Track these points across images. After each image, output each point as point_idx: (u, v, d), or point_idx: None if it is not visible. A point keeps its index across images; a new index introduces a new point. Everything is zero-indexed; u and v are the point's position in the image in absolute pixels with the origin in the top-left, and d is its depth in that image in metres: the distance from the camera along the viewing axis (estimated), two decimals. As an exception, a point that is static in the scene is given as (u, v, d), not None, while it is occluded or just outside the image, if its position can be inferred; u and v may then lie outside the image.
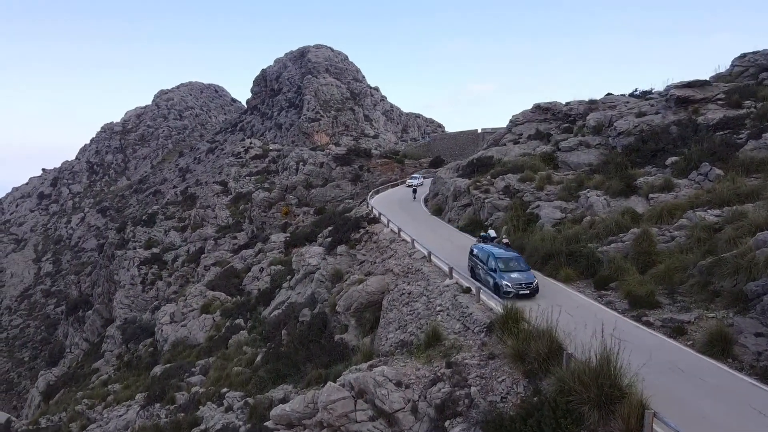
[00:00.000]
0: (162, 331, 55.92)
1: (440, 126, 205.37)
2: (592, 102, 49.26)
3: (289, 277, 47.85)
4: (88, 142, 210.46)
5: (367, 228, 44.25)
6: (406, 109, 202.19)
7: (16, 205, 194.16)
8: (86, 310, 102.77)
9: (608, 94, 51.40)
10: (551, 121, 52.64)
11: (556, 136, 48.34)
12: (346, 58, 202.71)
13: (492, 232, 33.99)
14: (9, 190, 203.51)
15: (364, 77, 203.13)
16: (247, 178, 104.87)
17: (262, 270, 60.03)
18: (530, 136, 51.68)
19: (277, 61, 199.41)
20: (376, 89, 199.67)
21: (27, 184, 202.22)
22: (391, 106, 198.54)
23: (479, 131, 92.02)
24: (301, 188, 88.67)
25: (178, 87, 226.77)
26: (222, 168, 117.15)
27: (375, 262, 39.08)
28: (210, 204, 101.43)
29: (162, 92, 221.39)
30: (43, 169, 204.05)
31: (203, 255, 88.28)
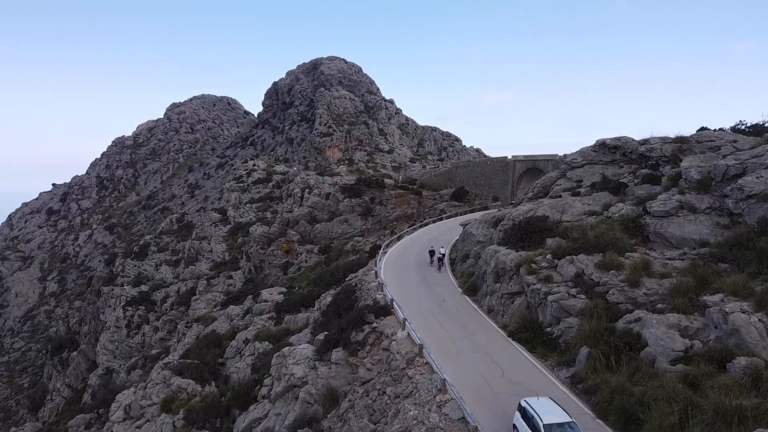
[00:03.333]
0: (112, 432, 41.74)
1: (457, 140, 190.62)
2: (680, 140, 34.41)
3: (268, 379, 33.41)
4: (99, 156, 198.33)
5: (375, 325, 29.79)
6: (421, 122, 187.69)
7: (25, 221, 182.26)
8: (72, 350, 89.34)
9: (702, 128, 36.70)
10: (621, 164, 37.95)
11: (636, 189, 33.64)
12: (360, 70, 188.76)
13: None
14: (19, 205, 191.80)
15: (378, 89, 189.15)
16: (248, 205, 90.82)
17: (246, 342, 45.86)
18: (594, 185, 36.97)
19: (289, 73, 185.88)
20: (391, 102, 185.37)
21: (37, 199, 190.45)
22: (407, 119, 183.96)
23: (509, 158, 77.32)
24: (304, 223, 74.48)
25: (190, 100, 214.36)
26: (222, 192, 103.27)
27: (384, 396, 24.73)
28: (207, 235, 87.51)
29: (174, 105, 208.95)
30: (54, 184, 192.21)
31: (194, 297, 74.46)
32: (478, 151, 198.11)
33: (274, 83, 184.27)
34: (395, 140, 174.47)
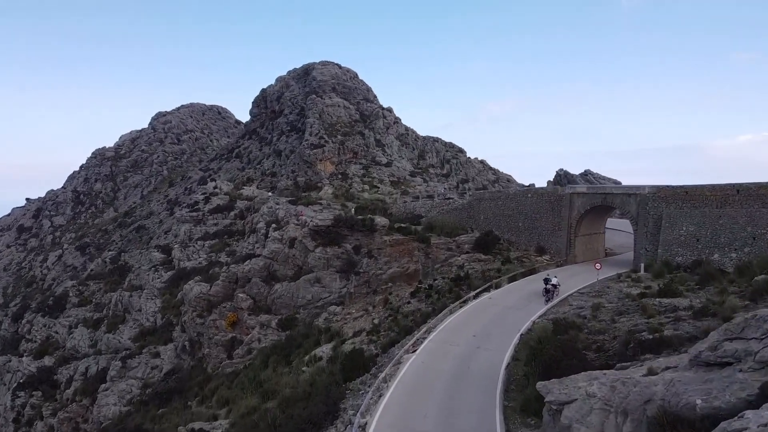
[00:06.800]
0: None
1: (461, 151, 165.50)
2: None
3: None
4: (77, 168, 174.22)
5: None
6: (422, 132, 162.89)
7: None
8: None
9: None
10: None
11: None
12: (356, 75, 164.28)
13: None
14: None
15: (375, 97, 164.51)
16: (199, 243, 65.99)
17: None
18: None
19: (278, 79, 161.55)
20: (389, 110, 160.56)
21: (9, 215, 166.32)
22: (406, 129, 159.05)
23: (565, 192, 51.89)
24: (259, 282, 49.87)
25: (178, 109, 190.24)
26: (172, 224, 78.63)
27: None
28: (142, 283, 62.95)
29: (160, 114, 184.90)
30: (27, 199, 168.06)
31: (104, 385, 49.72)
32: (483, 162, 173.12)
33: (263, 90, 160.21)
34: (394, 152, 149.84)
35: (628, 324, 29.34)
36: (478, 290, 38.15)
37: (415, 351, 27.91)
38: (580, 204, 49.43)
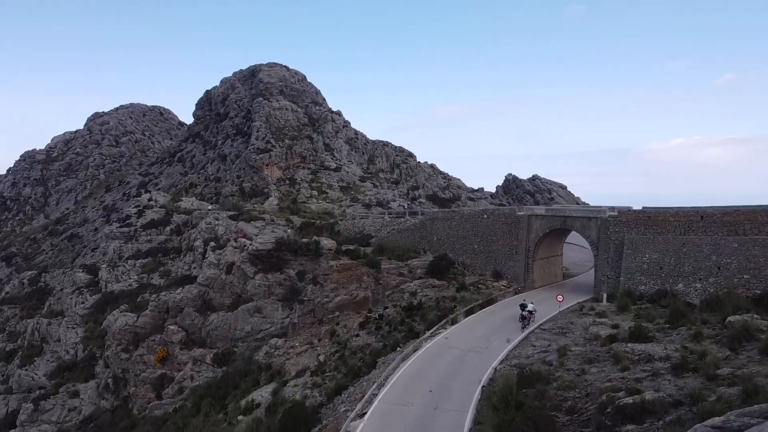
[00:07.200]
0: None
1: (411, 155, 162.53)
2: None
3: None
4: (3, 172, 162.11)
5: None
6: (372, 136, 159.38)
7: None
8: None
9: None
10: None
11: None
12: (304, 78, 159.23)
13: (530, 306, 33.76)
14: None
15: (324, 100, 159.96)
16: (130, 262, 60.18)
17: None
18: None
19: (223, 81, 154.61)
20: (339, 113, 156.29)
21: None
22: (356, 132, 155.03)
23: (521, 213, 48.72)
24: (193, 312, 44.87)
25: (116, 109, 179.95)
26: (100, 240, 72.09)
27: None
28: (64, 308, 56.71)
29: (96, 115, 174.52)
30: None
31: (12, 431, 43.69)
32: (432, 167, 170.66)
33: (207, 92, 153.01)
34: (343, 156, 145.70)
35: (600, 376, 26.35)
36: (433, 329, 34.52)
37: (363, 415, 23.96)
38: (539, 227, 46.60)
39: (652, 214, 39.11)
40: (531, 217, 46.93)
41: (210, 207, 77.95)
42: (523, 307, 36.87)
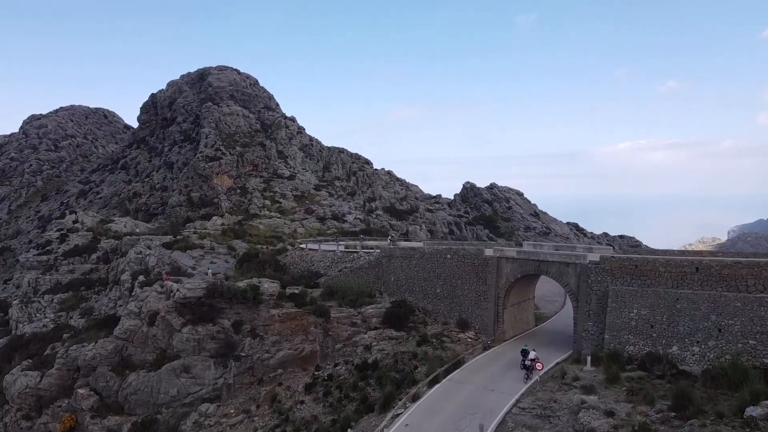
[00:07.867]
0: None
1: (367, 162, 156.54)
2: None
3: None
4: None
5: None
6: (328, 141, 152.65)
7: None
8: None
9: None
10: None
11: None
12: (256, 82, 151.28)
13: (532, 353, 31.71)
14: None
15: (278, 105, 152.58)
16: (47, 297, 52.00)
17: None
18: None
19: (170, 84, 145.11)
20: (293, 119, 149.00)
21: None
22: (311, 139, 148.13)
23: (490, 254, 42.68)
24: (107, 371, 37.59)
25: (56, 112, 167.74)
26: (14, 272, 63.32)
27: None
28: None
29: (33, 117, 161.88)
30: None
31: None
32: (390, 173, 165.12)
33: (152, 95, 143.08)
34: (297, 164, 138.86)
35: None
36: (391, 413, 28.36)
37: None
38: (510, 271, 41.04)
39: (639, 263, 33.97)
40: (501, 259, 41.25)
41: (138, 230, 69.43)
42: (524, 353, 33.93)
